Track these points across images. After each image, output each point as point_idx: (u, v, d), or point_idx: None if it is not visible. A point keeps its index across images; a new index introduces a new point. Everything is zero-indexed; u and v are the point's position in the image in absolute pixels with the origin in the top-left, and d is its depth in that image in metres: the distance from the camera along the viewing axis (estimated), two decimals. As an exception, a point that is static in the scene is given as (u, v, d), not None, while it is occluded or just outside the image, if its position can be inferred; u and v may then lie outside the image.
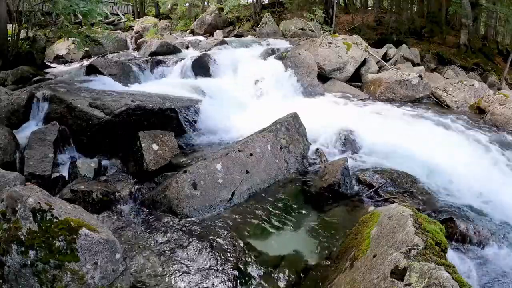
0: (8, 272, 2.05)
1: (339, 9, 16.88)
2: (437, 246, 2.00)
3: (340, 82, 8.35)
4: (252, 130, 4.48)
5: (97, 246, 2.21)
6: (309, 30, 12.51)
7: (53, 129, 4.20)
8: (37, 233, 2.11)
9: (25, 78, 6.44)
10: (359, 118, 5.87)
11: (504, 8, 13.09)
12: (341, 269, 2.41)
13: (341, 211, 3.53)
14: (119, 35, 12.44)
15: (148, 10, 24.65)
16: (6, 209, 2.17)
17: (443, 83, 8.16)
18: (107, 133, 4.33)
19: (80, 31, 8.04)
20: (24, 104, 4.73)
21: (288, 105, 5.93)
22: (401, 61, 10.55)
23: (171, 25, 17.50)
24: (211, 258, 2.79)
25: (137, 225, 3.25)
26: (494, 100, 6.93)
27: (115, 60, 7.22)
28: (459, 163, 4.41)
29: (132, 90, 5.77)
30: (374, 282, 1.95)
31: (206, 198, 3.45)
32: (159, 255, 2.83)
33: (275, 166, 4.03)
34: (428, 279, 1.73)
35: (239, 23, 16.19)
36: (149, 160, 3.98)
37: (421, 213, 2.34)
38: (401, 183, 3.91)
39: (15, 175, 3.21)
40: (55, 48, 10.75)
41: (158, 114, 4.52)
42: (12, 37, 7.31)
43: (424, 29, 15.60)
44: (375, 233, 2.37)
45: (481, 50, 14.57)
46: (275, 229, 3.20)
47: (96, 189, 3.51)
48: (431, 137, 5.28)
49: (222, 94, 6.16)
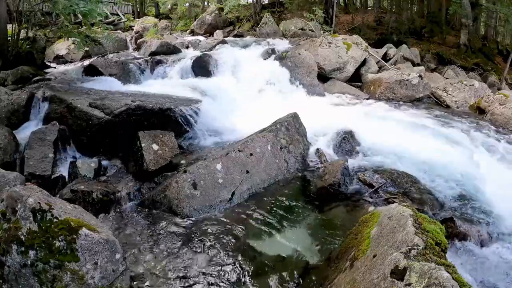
0: (8, 272, 2.05)
1: (339, 9, 16.88)
2: (437, 246, 2.00)
3: (340, 82, 8.35)
4: (252, 130, 4.48)
5: (97, 246, 2.21)
6: (309, 30, 12.50)
7: (53, 129, 4.20)
8: (37, 233, 2.11)
9: (25, 78, 6.44)
10: (359, 118, 5.87)
11: (504, 8, 13.08)
12: (341, 269, 2.41)
13: (341, 211, 3.53)
14: (119, 35, 12.41)
15: (148, 10, 24.65)
16: (6, 209, 2.18)
17: (443, 83, 8.16)
18: (107, 133, 4.33)
19: (80, 31, 8.03)
20: (24, 104, 4.73)
21: (288, 105, 5.93)
22: (401, 61, 10.55)
23: (171, 25, 17.48)
24: (211, 258, 2.79)
25: (137, 225, 3.25)
26: (494, 100, 6.93)
27: (115, 60, 7.22)
28: (459, 163, 4.41)
29: (132, 90, 5.77)
30: (374, 282, 1.95)
31: (206, 198, 3.45)
32: (159, 255, 2.83)
33: (275, 166, 4.03)
34: (428, 279, 1.73)
35: (239, 23, 16.18)
36: (149, 160, 3.98)
37: (421, 213, 2.34)
38: (401, 183, 3.91)
39: (15, 175, 3.21)
40: (55, 48, 10.74)
41: (158, 114, 4.52)
42: (12, 37, 7.31)
43: (424, 29, 15.60)
44: (375, 233, 2.37)
45: (481, 50, 14.56)
46: (275, 229, 3.20)
47: (96, 189, 3.52)
48: (431, 137, 5.28)
49: (222, 94, 6.16)
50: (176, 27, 17.81)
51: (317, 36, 10.64)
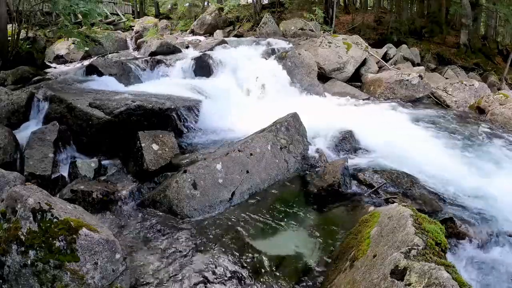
0: (8, 272, 2.05)
1: (339, 9, 16.87)
2: (437, 246, 2.00)
3: (340, 82, 8.35)
4: (252, 130, 4.48)
5: (97, 246, 2.21)
6: (309, 30, 12.49)
7: (53, 129, 4.19)
8: (37, 233, 2.11)
9: (25, 78, 6.43)
10: (359, 118, 5.87)
11: (504, 8, 13.08)
12: (341, 269, 2.41)
13: (341, 211, 3.53)
14: (119, 35, 12.41)
15: (148, 10, 24.63)
16: (6, 209, 2.17)
17: (443, 83, 8.16)
18: (107, 133, 4.32)
19: (80, 31, 8.03)
20: (24, 104, 4.72)
21: (288, 105, 5.92)
22: (401, 61, 10.56)
23: (171, 25, 17.47)
24: (211, 258, 2.79)
25: (137, 225, 3.24)
26: (494, 100, 6.93)
27: (115, 60, 7.22)
28: (459, 163, 4.41)
29: (132, 90, 5.76)
30: (374, 282, 1.95)
31: (206, 198, 3.45)
32: (159, 255, 2.83)
33: (275, 166, 4.03)
34: (428, 279, 1.73)
35: (239, 23, 16.16)
36: (149, 160, 3.98)
37: (421, 213, 2.34)
38: (401, 183, 3.91)
39: (15, 175, 3.20)
40: (55, 48, 10.73)
41: (158, 114, 4.52)
42: (12, 37, 7.30)
43: (424, 29, 15.60)
44: (375, 233, 2.37)
45: (481, 50, 14.57)
46: (275, 229, 3.20)
47: (96, 189, 3.52)
48: (431, 137, 5.28)
49: (222, 94, 6.15)
50: (176, 27, 17.79)
51: (317, 36, 10.65)
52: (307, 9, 14.49)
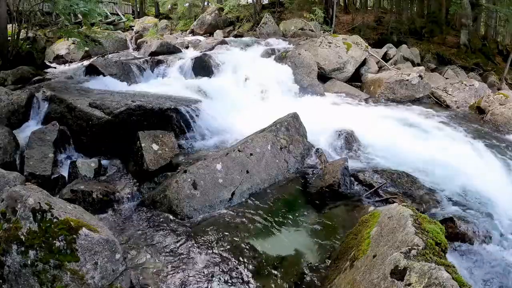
0: (8, 272, 2.05)
1: (339, 9, 16.86)
2: (437, 246, 2.00)
3: (340, 82, 8.35)
4: (252, 130, 4.48)
5: (97, 246, 2.21)
6: (309, 30, 12.49)
7: (53, 129, 4.20)
8: (37, 233, 2.11)
9: (25, 78, 6.43)
10: (359, 118, 5.87)
11: (504, 8, 13.09)
12: (341, 269, 2.41)
13: (341, 211, 3.53)
14: (119, 35, 12.38)
15: (148, 10, 24.61)
16: (6, 209, 2.17)
17: (443, 83, 8.17)
18: (107, 133, 4.33)
19: (80, 31, 8.03)
20: (24, 104, 4.73)
21: (288, 105, 5.93)
22: (401, 61, 10.55)
23: (171, 25, 17.47)
24: (211, 258, 2.79)
25: (137, 225, 3.25)
26: (494, 100, 6.94)
27: (115, 60, 7.21)
28: (459, 163, 4.41)
29: (132, 90, 5.77)
30: (374, 282, 1.95)
31: (206, 198, 3.45)
32: (159, 255, 2.83)
33: (275, 166, 4.03)
34: (428, 279, 1.73)
35: (239, 23, 16.15)
36: (149, 160, 3.98)
37: (421, 213, 2.34)
38: (401, 183, 3.91)
39: (15, 175, 3.21)
40: (55, 48, 10.72)
41: (158, 114, 4.52)
42: (12, 37, 7.30)
43: (424, 29, 15.58)
44: (375, 233, 2.37)
45: (481, 50, 14.55)
46: (275, 229, 3.20)
47: (96, 189, 3.52)
48: (431, 137, 5.28)
49: (222, 94, 6.15)
50: (176, 27, 17.79)
51: (317, 36, 10.64)
52: (307, 9, 14.48)
